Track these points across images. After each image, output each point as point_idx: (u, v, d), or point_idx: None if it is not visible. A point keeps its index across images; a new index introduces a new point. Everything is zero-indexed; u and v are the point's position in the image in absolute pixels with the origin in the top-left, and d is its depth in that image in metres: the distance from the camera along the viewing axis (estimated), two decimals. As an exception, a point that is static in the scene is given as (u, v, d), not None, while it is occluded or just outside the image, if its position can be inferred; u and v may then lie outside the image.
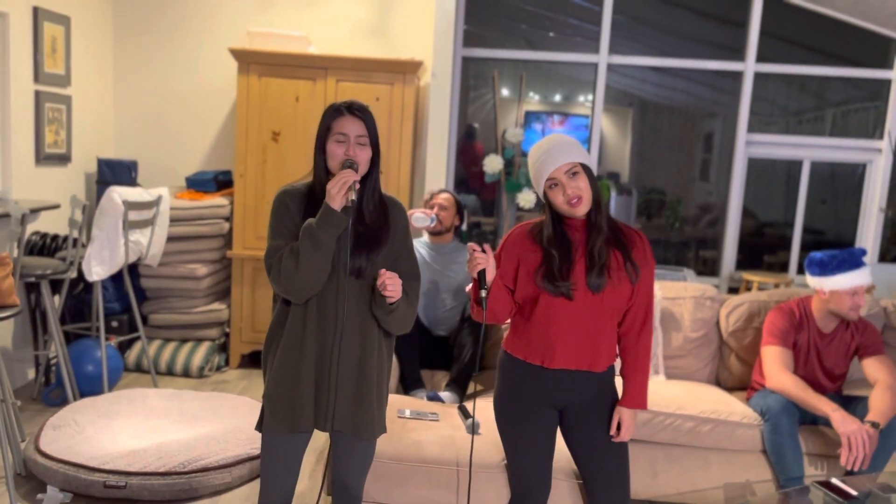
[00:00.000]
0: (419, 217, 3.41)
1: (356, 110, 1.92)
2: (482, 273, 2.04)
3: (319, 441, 3.58)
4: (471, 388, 3.25)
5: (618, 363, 2.89)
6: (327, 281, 1.91)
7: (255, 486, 3.10)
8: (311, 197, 1.95)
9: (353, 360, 1.94)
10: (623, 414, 2.17)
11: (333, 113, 1.92)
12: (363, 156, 1.91)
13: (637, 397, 2.17)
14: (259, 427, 1.99)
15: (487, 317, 2.13)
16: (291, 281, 1.84)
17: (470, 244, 2.06)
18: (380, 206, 2.00)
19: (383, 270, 1.88)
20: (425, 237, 3.57)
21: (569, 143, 2.07)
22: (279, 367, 1.93)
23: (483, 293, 2.04)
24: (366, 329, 1.95)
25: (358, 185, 1.88)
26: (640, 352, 2.17)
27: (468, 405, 2.90)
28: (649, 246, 2.17)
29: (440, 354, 3.41)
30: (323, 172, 1.94)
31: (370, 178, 1.96)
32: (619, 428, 2.18)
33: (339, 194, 1.82)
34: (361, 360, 1.95)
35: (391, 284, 1.86)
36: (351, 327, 1.93)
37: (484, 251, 2.04)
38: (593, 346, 2.12)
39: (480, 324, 3.20)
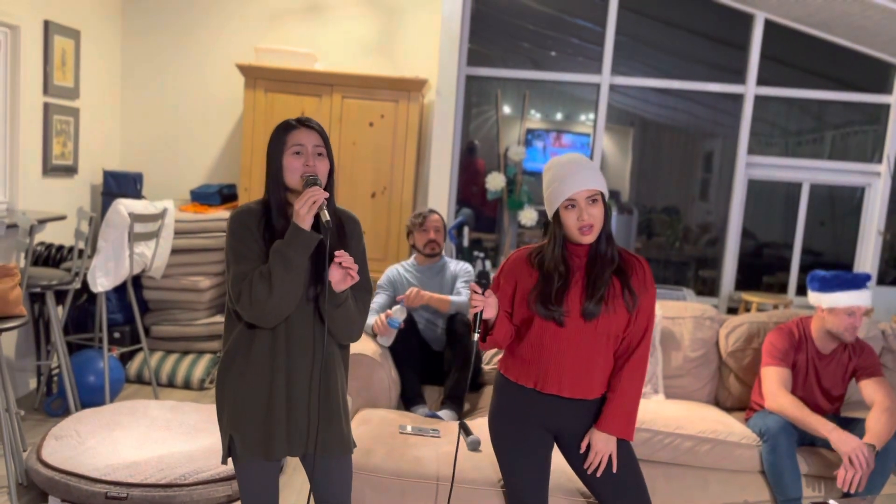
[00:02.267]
0: (397, 310, 3.13)
1: (309, 123, 1.87)
2: (478, 315, 2.03)
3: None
4: (467, 406, 3.27)
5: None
6: None
7: (256, 499, 3.10)
8: (268, 216, 1.87)
9: (321, 381, 1.89)
10: (594, 436, 2.12)
11: (286, 128, 1.86)
12: (322, 168, 1.85)
13: (615, 423, 2.11)
14: (224, 460, 1.91)
15: (488, 344, 2.15)
16: (265, 305, 1.75)
17: (471, 283, 2.04)
18: (333, 220, 1.93)
19: (339, 252, 1.80)
20: (412, 260, 3.57)
21: (593, 168, 2.05)
22: (247, 394, 1.86)
23: (475, 336, 2.04)
24: (327, 347, 1.91)
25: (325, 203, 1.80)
26: (625, 376, 2.11)
27: (469, 422, 2.92)
28: (650, 273, 2.15)
29: (441, 370, 3.42)
30: (281, 190, 1.86)
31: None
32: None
33: (308, 213, 1.74)
34: (325, 379, 1.90)
35: (346, 263, 1.78)
36: (315, 347, 1.88)
37: (484, 294, 2.02)
38: (587, 372, 2.11)
39: (468, 342, 3.22)
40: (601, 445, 2.12)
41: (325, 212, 1.77)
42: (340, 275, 1.81)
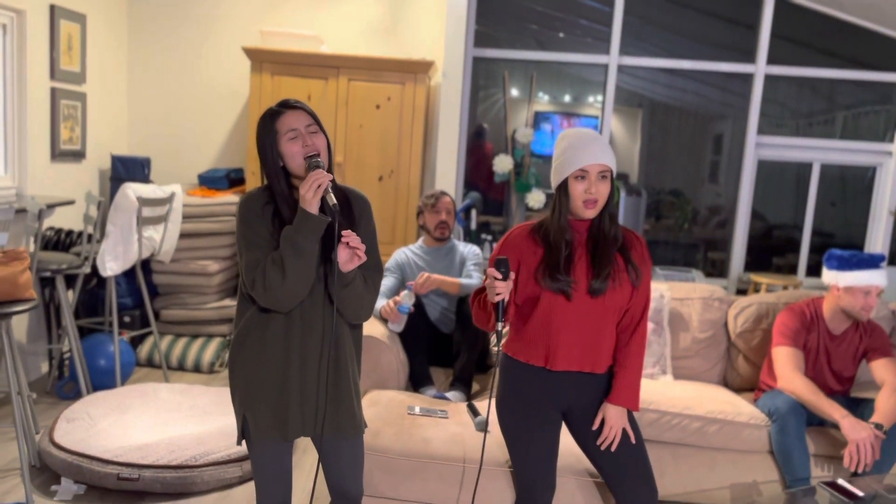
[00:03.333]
0: (406, 295, 3.13)
1: (294, 104, 1.85)
2: (500, 303, 1.98)
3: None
4: (475, 388, 3.28)
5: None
6: None
7: (266, 480, 3.13)
8: (275, 200, 1.86)
9: (331, 361, 1.90)
10: (608, 410, 2.14)
11: (272, 116, 1.84)
12: (320, 143, 1.83)
13: (625, 395, 2.13)
14: (240, 441, 1.92)
15: (485, 323, 2.12)
16: (279, 292, 1.76)
17: (490, 269, 1.97)
18: (341, 200, 1.90)
19: (346, 232, 1.79)
20: (420, 242, 3.55)
21: (607, 145, 2.05)
22: (261, 375, 1.87)
23: (499, 325, 1.99)
24: (337, 328, 1.90)
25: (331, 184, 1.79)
26: (633, 350, 2.15)
27: (477, 403, 2.93)
28: (646, 246, 2.18)
29: (449, 352, 3.43)
30: (282, 178, 1.85)
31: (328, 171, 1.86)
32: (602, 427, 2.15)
33: (315, 198, 1.74)
34: (336, 360, 1.91)
35: (353, 243, 1.77)
36: (325, 327, 1.88)
37: (505, 279, 1.96)
38: (595, 346, 2.12)
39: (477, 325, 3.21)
40: (615, 419, 2.14)
41: (332, 195, 1.76)
42: (347, 255, 1.81)
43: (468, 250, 3.49)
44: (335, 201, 1.76)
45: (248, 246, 1.82)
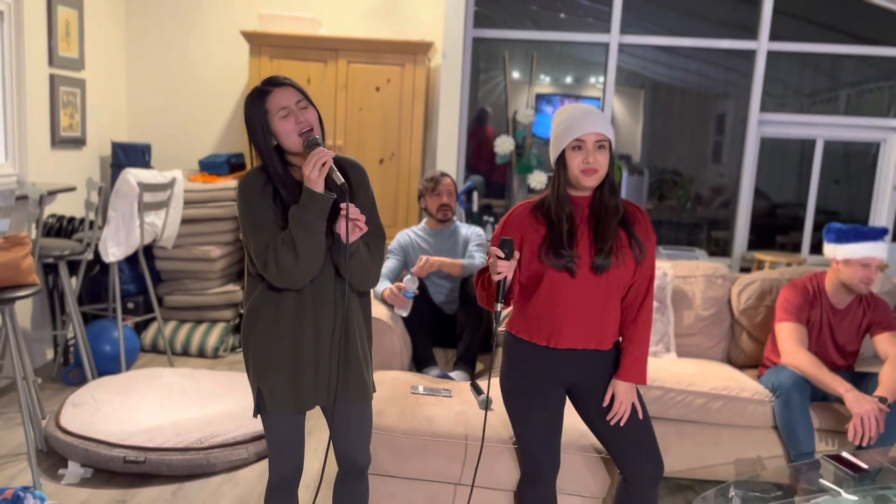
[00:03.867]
0: (409, 280, 3.11)
1: (282, 81, 1.84)
2: (501, 283, 1.98)
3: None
4: (479, 367, 3.28)
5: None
6: None
7: (271, 461, 3.14)
8: (272, 182, 1.86)
9: (340, 330, 1.92)
10: (617, 387, 2.15)
11: (259, 95, 1.82)
12: (311, 117, 1.82)
13: (634, 371, 2.14)
14: (255, 413, 1.95)
15: (488, 303, 2.11)
16: (293, 272, 1.78)
17: (493, 248, 1.97)
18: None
19: (343, 205, 1.80)
20: (423, 224, 3.54)
21: (604, 117, 2.06)
22: (275, 349, 1.89)
23: (498, 306, 1.99)
24: (347, 297, 1.92)
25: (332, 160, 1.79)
26: (640, 326, 2.15)
27: (481, 382, 2.93)
28: (650, 220, 2.17)
29: (452, 332, 3.43)
30: (276, 158, 1.84)
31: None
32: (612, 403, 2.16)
33: (320, 177, 1.74)
34: (346, 328, 1.93)
35: (352, 215, 1.79)
36: (336, 298, 1.90)
37: (508, 261, 1.95)
38: (600, 323, 2.11)
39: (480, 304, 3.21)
40: (625, 395, 2.14)
41: (337, 173, 1.77)
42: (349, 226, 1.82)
43: (471, 231, 3.49)
44: (342, 179, 1.76)
45: (255, 228, 1.82)
